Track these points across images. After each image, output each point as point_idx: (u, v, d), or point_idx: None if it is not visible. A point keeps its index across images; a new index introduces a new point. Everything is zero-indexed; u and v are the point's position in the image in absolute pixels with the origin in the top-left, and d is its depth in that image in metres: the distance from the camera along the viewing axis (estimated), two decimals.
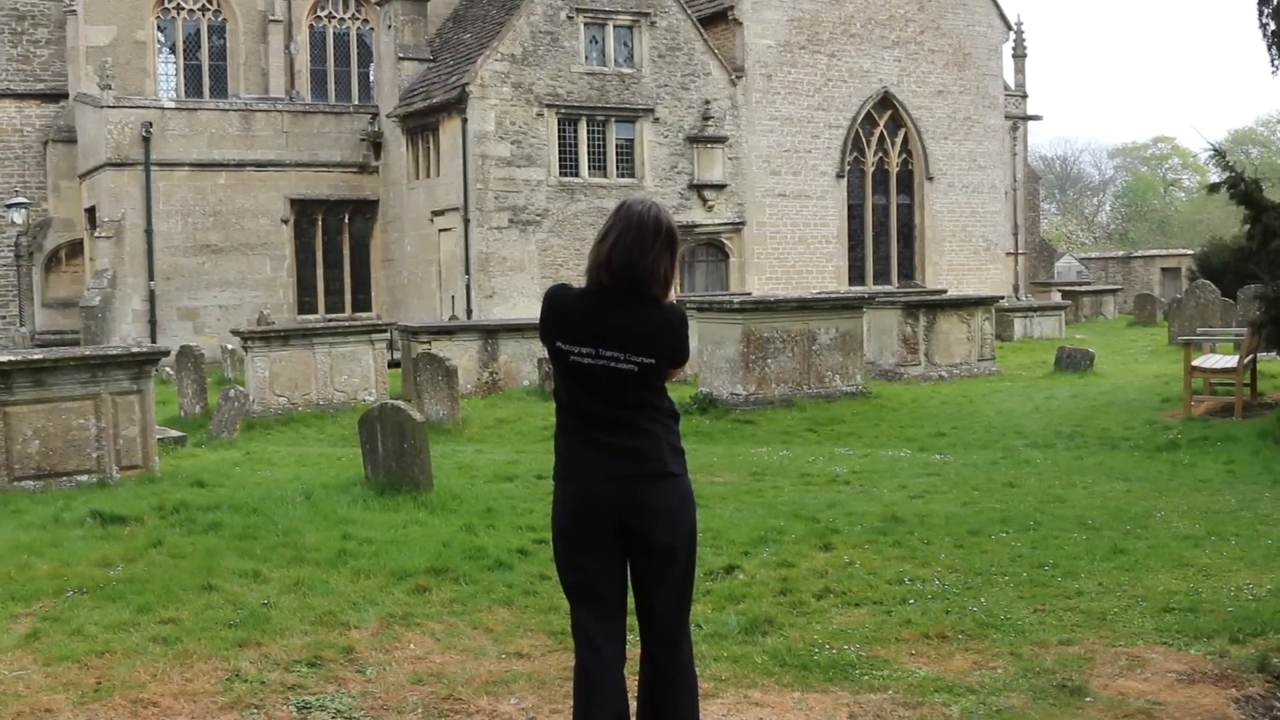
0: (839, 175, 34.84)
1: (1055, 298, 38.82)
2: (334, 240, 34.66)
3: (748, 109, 33.24)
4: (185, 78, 36.43)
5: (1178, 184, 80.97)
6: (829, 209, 34.71)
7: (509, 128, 30.23)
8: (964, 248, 37.09)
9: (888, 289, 32.65)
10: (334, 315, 33.28)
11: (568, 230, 30.75)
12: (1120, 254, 51.70)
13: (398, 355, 23.55)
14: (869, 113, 35.34)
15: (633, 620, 4.51)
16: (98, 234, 32.12)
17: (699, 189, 32.50)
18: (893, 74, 35.54)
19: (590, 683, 4.37)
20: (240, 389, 18.05)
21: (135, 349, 12.00)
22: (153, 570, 7.73)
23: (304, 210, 33.97)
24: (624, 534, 4.36)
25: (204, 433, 16.99)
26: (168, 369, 24.61)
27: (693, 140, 32.35)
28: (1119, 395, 18.26)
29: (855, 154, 35.35)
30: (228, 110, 33.40)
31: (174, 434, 15.46)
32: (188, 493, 10.42)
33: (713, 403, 17.67)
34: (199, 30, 36.43)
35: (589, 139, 31.28)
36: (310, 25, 37.30)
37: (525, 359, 21.87)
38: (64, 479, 10.98)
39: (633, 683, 4.57)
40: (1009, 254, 40.27)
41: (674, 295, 4.46)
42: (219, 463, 13.25)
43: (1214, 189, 14.44)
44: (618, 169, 31.66)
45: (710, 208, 32.77)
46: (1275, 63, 14.11)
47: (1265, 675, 5.74)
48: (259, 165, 33.12)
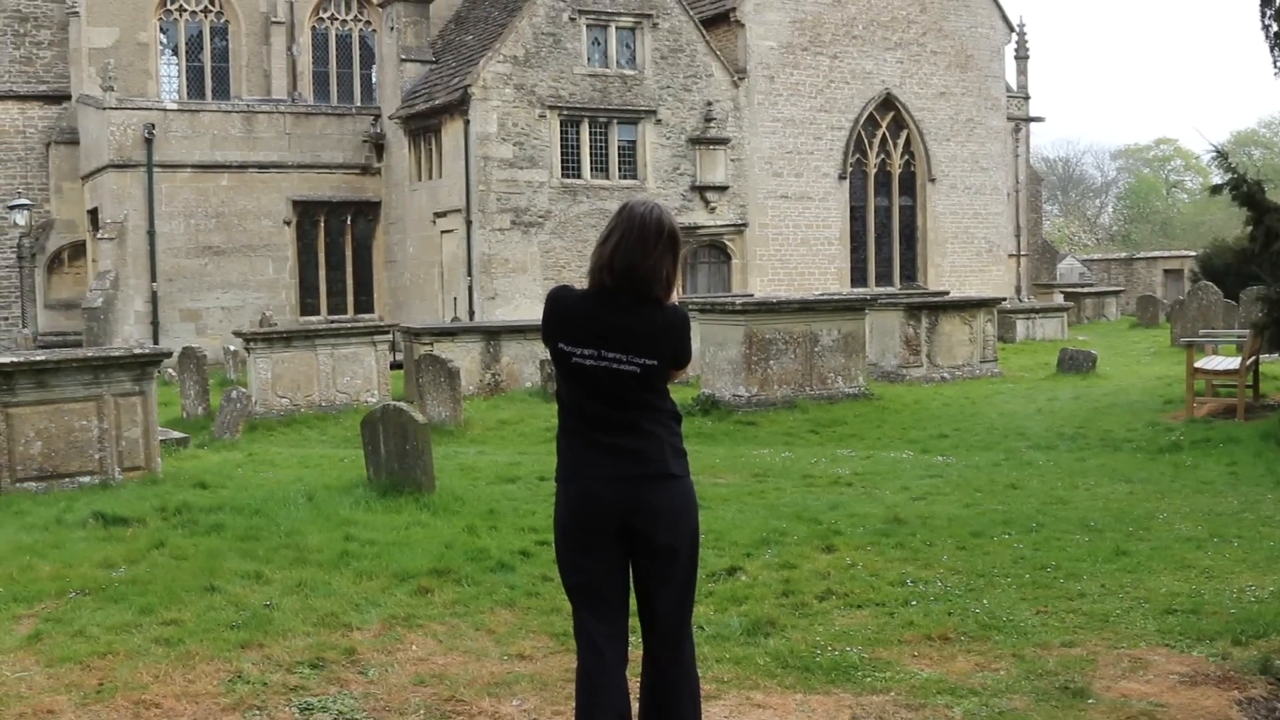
0: (841, 177, 34.84)
1: (1057, 299, 38.83)
2: (336, 242, 34.68)
3: (750, 110, 33.24)
4: (187, 79, 36.45)
5: (1180, 186, 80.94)
6: (831, 211, 34.71)
7: (511, 129, 30.24)
8: (966, 249, 37.09)
9: (890, 291, 32.63)
10: (336, 317, 33.30)
11: (570, 232, 30.75)
12: (1122, 255, 51.67)
13: (400, 357, 23.56)
14: (871, 114, 35.34)
15: (635, 622, 4.51)
16: (100, 235, 32.13)
17: (701, 191, 32.51)
18: (895, 75, 35.54)
19: (592, 684, 4.37)
20: (243, 390, 18.06)
21: (138, 350, 12.01)
22: (155, 571, 7.73)
23: (306, 212, 33.98)
24: (626, 535, 4.36)
25: (206, 434, 16.99)
26: (170, 370, 24.61)
27: (695, 142, 32.35)
28: (1121, 397, 18.25)
29: (857, 155, 35.34)
30: (230, 112, 33.41)
31: (176, 435, 15.47)
32: (190, 494, 10.43)
33: (715, 404, 17.67)
34: (201, 32, 36.45)
35: (591, 140, 31.29)
36: (313, 27, 37.32)
37: (527, 360, 21.87)
38: (66, 480, 10.98)
39: (635, 684, 4.57)
40: (1011, 255, 40.26)
41: (676, 297, 4.46)
42: (221, 464, 13.26)
43: (1216, 190, 14.43)
44: (620, 171, 31.67)
45: (712, 209, 32.77)
46: (1278, 64, 14.11)
47: (1268, 677, 5.74)
48: (261, 167, 33.14)
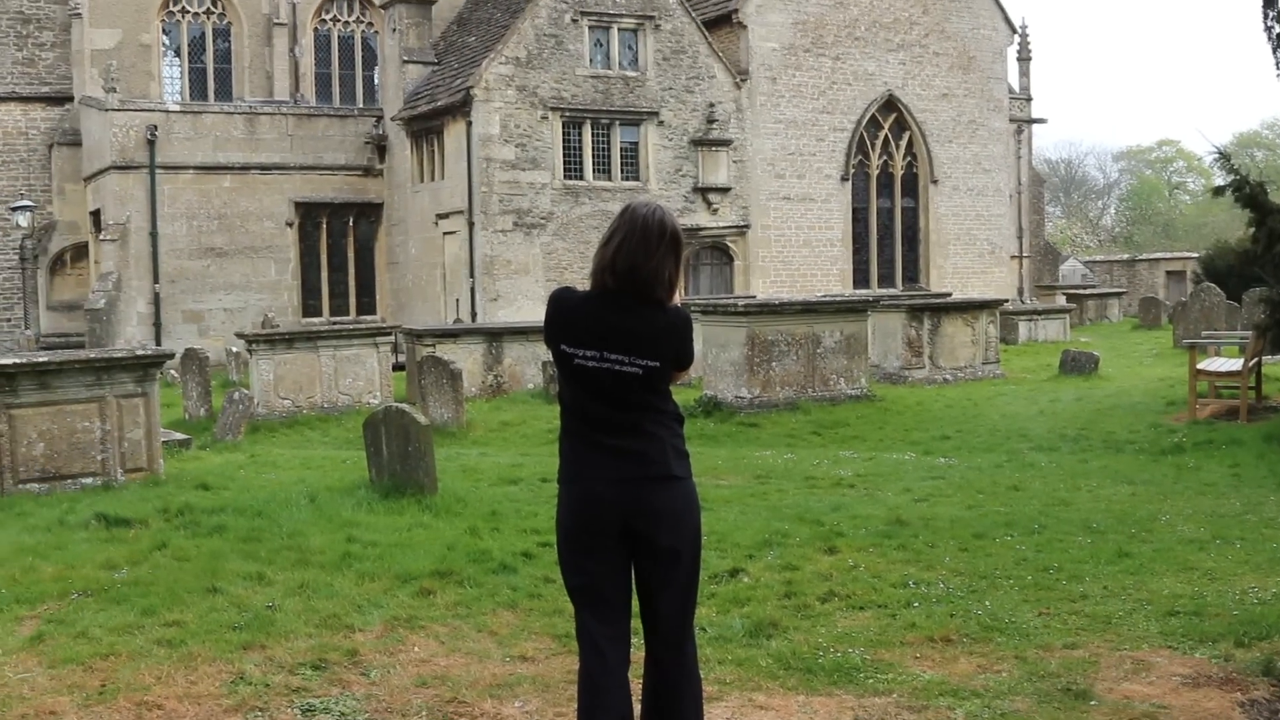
0: (843, 178, 34.84)
1: (1060, 301, 38.79)
2: (338, 243, 34.69)
3: (752, 112, 33.24)
4: (190, 81, 36.48)
5: (1182, 187, 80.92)
6: (833, 212, 34.71)
7: (513, 131, 30.25)
8: (968, 251, 37.08)
9: (892, 292, 32.65)
10: (338, 318, 33.32)
11: (572, 233, 30.75)
12: (1125, 257, 51.58)
13: (402, 358, 23.56)
14: (874, 116, 35.34)
15: (637, 623, 4.51)
16: (102, 237, 32.14)
17: (703, 192, 32.51)
18: (897, 77, 35.54)
19: (595, 686, 4.36)
20: (245, 392, 18.07)
21: (140, 352, 12.02)
22: (157, 573, 7.73)
23: (308, 213, 33.98)
24: (628, 537, 4.36)
25: (209, 435, 17.00)
26: (172, 372, 24.61)
27: (697, 143, 32.35)
28: (1124, 398, 18.24)
29: (860, 157, 35.34)
30: (232, 113, 33.43)
31: (179, 437, 15.47)
32: (192, 495, 10.44)
33: (717, 406, 17.66)
34: (204, 33, 36.48)
35: (593, 142, 31.29)
36: (315, 28, 37.34)
37: (530, 362, 21.88)
38: (69, 481, 10.99)
39: (637, 686, 4.57)
40: (1013, 257, 40.25)
41: (678, 298, 4.46)
42: (224, 465, 13.26)
43: (1219, 192, 14.43)
44: (622, 172, 31.67)
45: (715, 211, 32.77)
46: None
47: (1270, 679, 5.73)
48: (264, 168, 33.14)
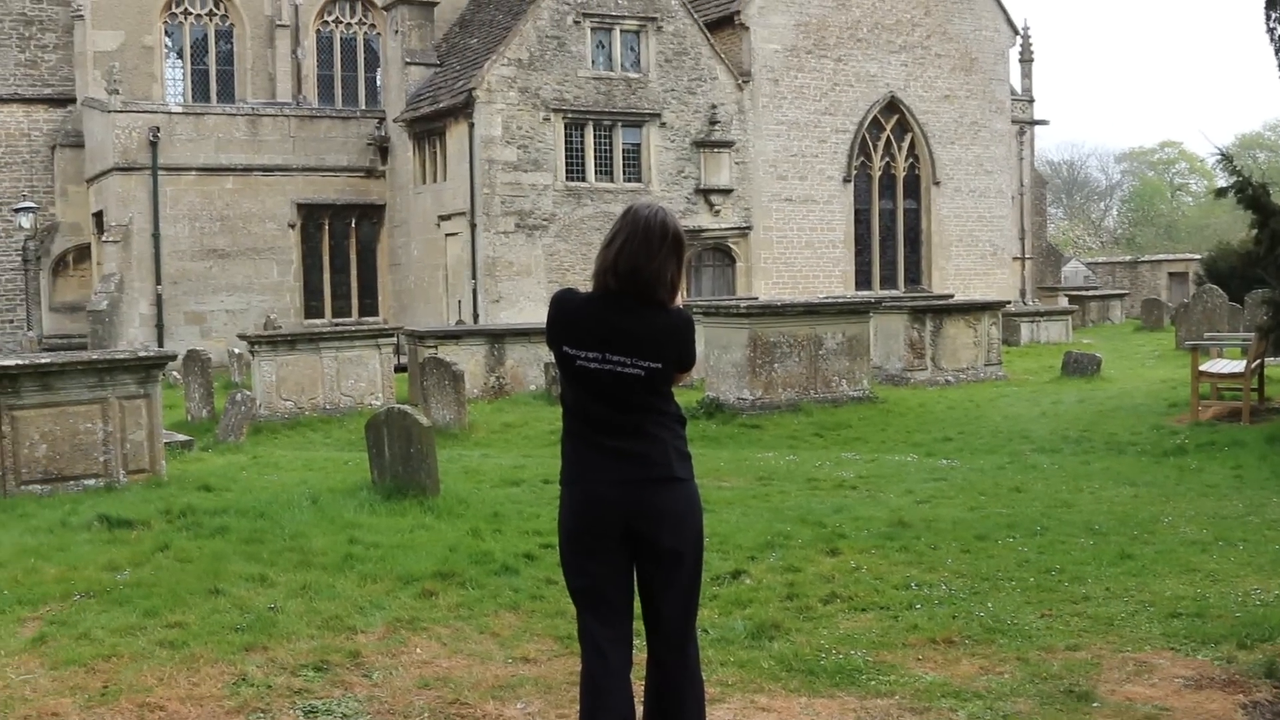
0: (846, 180, 34.84)
1: (1062, 302, 38.77)
2: (341, 245, 34.71)
3: (754, 114, 33.24)
4: (192, 82, 36.52)
5: (1185, 189, 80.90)
6: (835, 214, 34.71)
7: (515, 132, 30.26)
8: (971, 252, 37.08)
9: (894, 294, 32.62)
10: (341, 320, 33.35)
11: (574, 235, 30.75)
12: (1127, 259, 51.59)
13: (404, 360, 23.57)
14: (876, 117, 35.34)
15: (639, 625, 4.51)
16: (105, 238, 32.17)
17: (705, 194, 32.51)
18: (899, 78, 35.54)
19: (597, 688, 4.36)
20: (247, 393, 18.07)
21: (142, 353, 12.02)
22: (159, 574, 7.74)
23: (311, 215, 34.01)
24: (631, 539, 4.36)
25: (211, 437, 17.01)
26: (175, 373, 24.63)
27: (699, 145, 32.36)
28: (1126, 400, 18.23)
29: (862, 159, 35.34)
30: (235, 115, 33.45)
31: (181, 438, 15.47)
32: (194, 497, 10.45)
33: (719, 407, 17.66)
34: (206, 35, 36.52)
35: (595, 143, 31.30)
36: (317, 30, 37.37)
37: (532, 363, 21.88)
38: (71, 483, 10.99)
39: (639, 688, 4.57)
40: (1016, 259, 40.24)
41: (680, 300, 4.46)
42: (226, 467, 13.27)
43: (1221, 193, 14.43)
44: (624, 173, 31.68)
45: (717, 212, 32.77)
46: None
47: (1273, 681, 5.73)
48: (266, 170, 33.17)
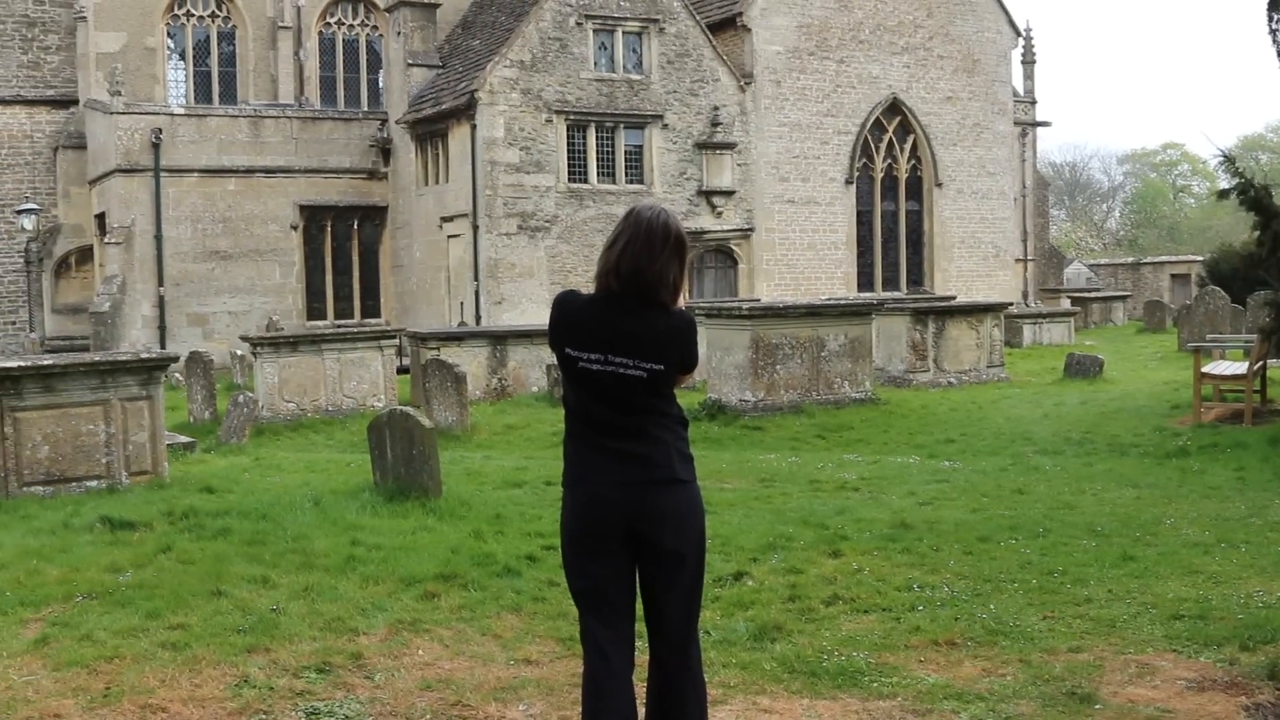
0: (848, 181, 34.83)
1: (1064, 304, 38.77)
2: (343, 246, 34.73)
3: (756, 115, 33.24)
4: (195, 84, 36.54)
5: (1187, 190, 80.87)
6: (838, 215, 34.70)
7: (518, 134, 30.26)
8: (973, 254, 37.06)
9: (897, 295, 32.63)
10: (343, 321, 33.36)
11: (576, 236, 30.76)
12: (1129, 260, 51.57)
13: (406, 361, 23.57)
14: (878, 119, 35.33)
15: (642, 627, 4.51)
16: (107, 240, 32.19)
17: (708, 195, 32.51)
18: (902, 80, 35.53)
19: (599, 689, 4.36)
20: (249, 395, 18.08)
21: (145, 355, 12.04)
22: (162, 576, 7.74)
23: (313, 216, 34.02)
24: (633, 540, 4.36)
25: (213, 438, 17.02)
26: (177, 375, 24.66)
27: (701, 146, 32.35)
28: (1128, 402, 18.22)
29: (864, 160, 35.33)
30: (237, 116, 33.47)
31: (183, 440, 15.47)
32: (197, 498, 10.45)
33: (721, 409, 17.65)
34: (209, 37, 36.53)
35: (598, 145, 31.30)
36: (320, 32, 37.39)
37: (534, 365, 21.88)
38: (73, 484, 10.99)
39: (641, 689, 4.57)
40: (1018, 260, 40.23)
41: (682, 301, 4.46)
42: (228, 468, 13.28)
43: (1223, 195, 14.40)
44: (626, 175, 31.68)
45: (719, 214, 32.77)
46: None
47: (1275, 683, 5.72)
48: (268, 171, 33.19)
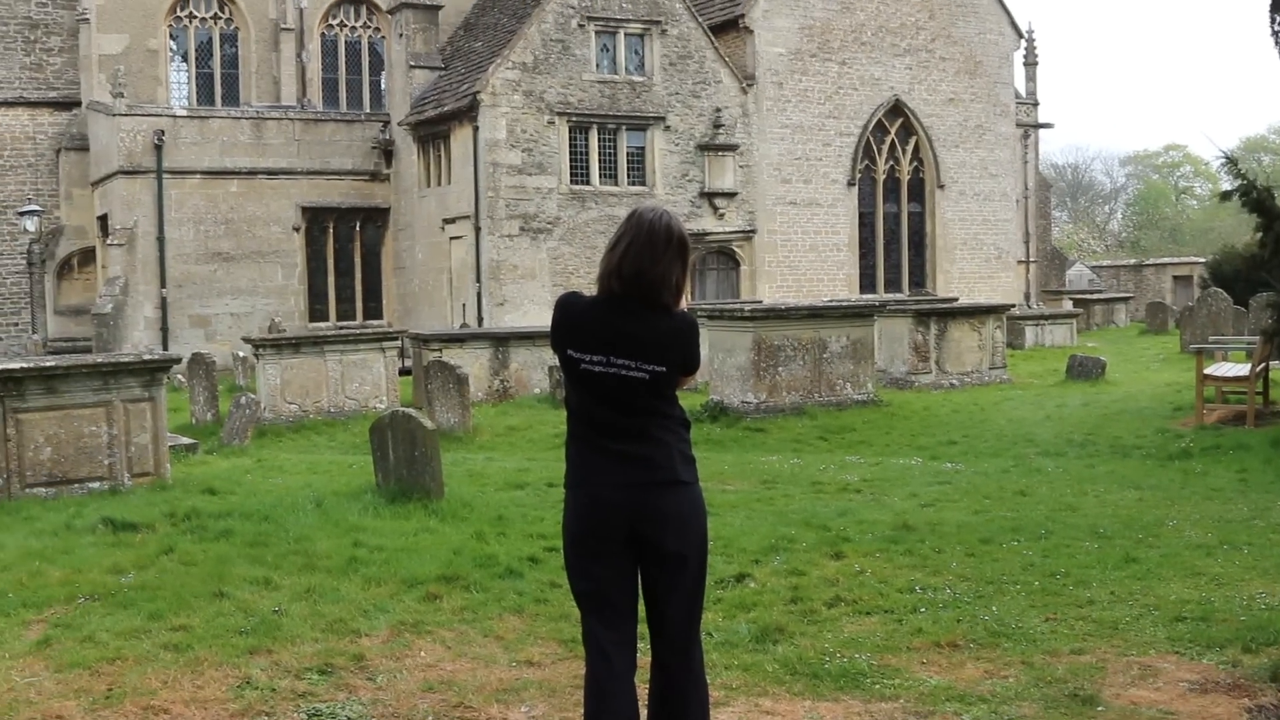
0: (850, 183, 34.82)
1: (1067, 306, 38.76)
2: (345, 248, 34.74)
3: (759, 117, 33.24)
4: (197, 86, 36.55)
5: (1189, 192, 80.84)
6: (840, 217, 34.69)
7: (520, 136, 30.27)
8: (975, 255, 37.05)
9: (899, 297, 32.60)
10: (345, 323, 33.36)
11: (579, 238, 30.76)
12: (1132, 262, 51.55)
13: (409, 363, 23.58)
14: (880, 120, 35.32)
15: (644, 628, 4.51)
16: (110, 241, 32.22)
17: (710, 197, 32.51)
18: (904, 82, 35.53)
19: (601, 691, 4.36)
20: (252, 396, 18.08)
21: (147, 356, 12.04)
22: (164, 577, 7.74)
23: (315, 218, 34.04)
24: (635, 542, 4.36)
25: (215, 440, 17.03)
26: (179, 376, 24.67)
27: (704, 148, 32.35)
28: (1131, 403, 18.20)
29: (866, 162, 35.33)
30: (239, 118, 33.49)
31: (185, 441, 15.48)
32: (199, 500, 10.45)
33: (723, 410, 17.65)
34: (211, 39, 36.55)
35: (600, 147, 31.30)
36: (322, 33, 37.40)
37: (536, 367, 21.88)
38: (76, 486, 11.00)
39: (644, 691, 4.56)
40: (1020, 262, 40.20)
41: (685, 303, 4.46)
42: (230, 470, 13.29)
43: (1226, 197, 14.32)
44: (629, 177, 31.68)
45: (721, 216, 32.77)
46: None
47: (1278, 685, 5.71)
48: (271, 173, 33.20)
